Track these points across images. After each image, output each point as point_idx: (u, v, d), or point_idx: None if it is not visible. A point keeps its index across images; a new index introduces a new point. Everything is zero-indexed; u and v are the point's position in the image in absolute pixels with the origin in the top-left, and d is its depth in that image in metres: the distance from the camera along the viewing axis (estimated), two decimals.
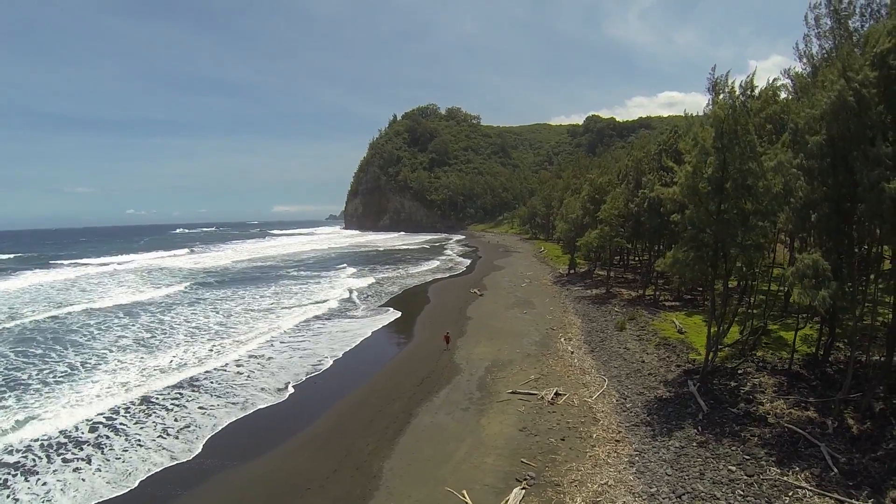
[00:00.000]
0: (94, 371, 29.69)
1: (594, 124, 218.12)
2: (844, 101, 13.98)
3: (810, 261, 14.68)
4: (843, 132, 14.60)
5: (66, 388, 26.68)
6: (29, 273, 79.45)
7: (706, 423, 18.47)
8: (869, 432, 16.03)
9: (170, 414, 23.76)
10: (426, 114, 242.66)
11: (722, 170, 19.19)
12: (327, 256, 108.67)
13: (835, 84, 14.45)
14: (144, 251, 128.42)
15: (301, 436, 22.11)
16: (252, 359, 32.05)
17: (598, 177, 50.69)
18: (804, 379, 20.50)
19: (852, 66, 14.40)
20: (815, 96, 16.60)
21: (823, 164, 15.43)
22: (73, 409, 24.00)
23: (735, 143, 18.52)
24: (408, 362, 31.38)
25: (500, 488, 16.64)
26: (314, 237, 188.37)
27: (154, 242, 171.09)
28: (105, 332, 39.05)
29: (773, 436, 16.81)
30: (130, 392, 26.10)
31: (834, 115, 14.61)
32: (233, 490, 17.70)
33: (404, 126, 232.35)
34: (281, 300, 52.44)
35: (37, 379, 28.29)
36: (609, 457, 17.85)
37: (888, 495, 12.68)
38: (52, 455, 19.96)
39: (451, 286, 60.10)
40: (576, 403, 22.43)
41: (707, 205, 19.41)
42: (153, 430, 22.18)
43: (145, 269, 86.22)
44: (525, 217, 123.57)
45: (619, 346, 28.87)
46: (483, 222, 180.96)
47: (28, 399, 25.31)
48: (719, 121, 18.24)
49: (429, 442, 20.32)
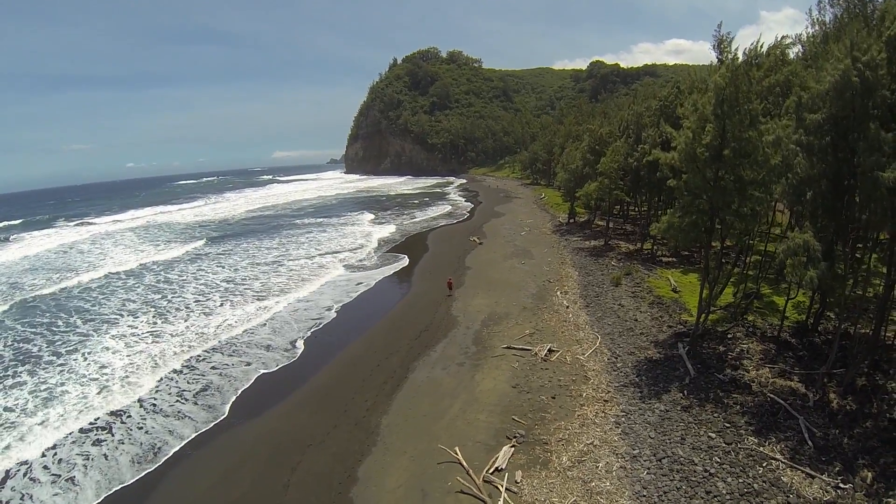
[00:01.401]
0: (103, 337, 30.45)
1: (598, 70, 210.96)
2: (849, 81, 13.01)
3: (801, 240, 14.43)
4: (846, 112, 13.80)
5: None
6: (36, 235, 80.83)
7: (692, 387, 19.17)
8: (848, 408, 16.68)
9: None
10: (427, 57, 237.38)
11: (721, 137, 18.37)
12: (335, 203, 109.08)
13: (841, 63, 13.38)
14: (146, 206, 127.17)
15: (304, 390, 23.13)
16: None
17: (599, 127, 48.66)
18: (792, 348, 21.00)
19: (860, 45, 13.27)
20: (822, 71, 15.42)
21: (823, 143, 14.66)
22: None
23: (735, 111, 17.53)
24: (407, 314, 32.02)
25: (491, 445, 17.62)
26: (319, 183, 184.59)
27: (155, 196, 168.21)
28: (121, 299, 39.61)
29: (756, 404, 17.52)
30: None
31: (838, 94, 13.70)
32: (242, 447, 18.82)
33: (405, 70, 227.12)
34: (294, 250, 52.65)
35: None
36: (597, 416, 18.73)
37: (858, 474, 13.41)
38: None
39: (451, 233, 60.00)
40: (568, 361, 23.16)
41: (704, 172, 18.73)
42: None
43: (152, 224, 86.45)
44: (526, 162, 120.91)
45: (614, 303, 29.30)
46: (484, 166, 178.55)
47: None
48: (720, 88, 17.10)
49: (425, 398, 21.22)
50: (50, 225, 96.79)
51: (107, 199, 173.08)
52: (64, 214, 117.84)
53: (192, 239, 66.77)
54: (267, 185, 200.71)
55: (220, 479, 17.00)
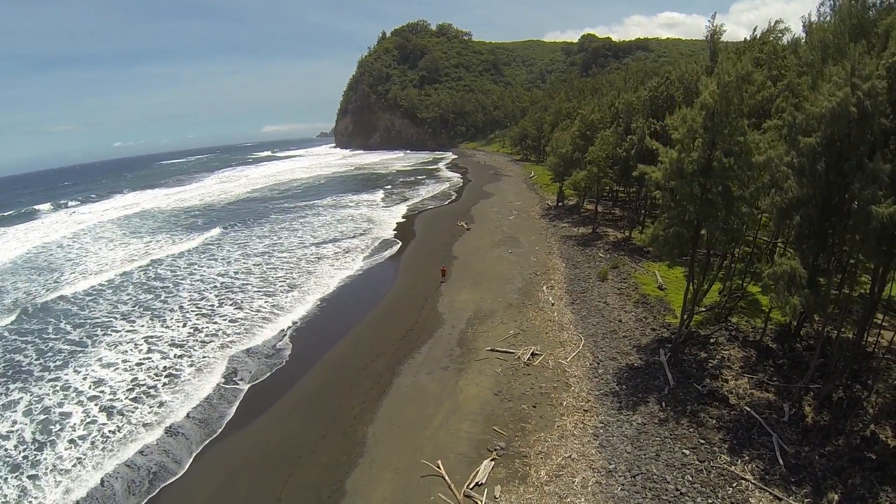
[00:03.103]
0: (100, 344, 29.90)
1: (589, 43, 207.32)
2: (847, 109, 12.54)
3: (787, 267, 14.34)
4: (841, 137, 13.41)
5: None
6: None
7: (670, 398, 19.52)
8: (822, 423, 17.10)
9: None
10: (416, 30, 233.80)
11: (710, 149, 17.99)
12: (335, 182, 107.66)
13: (840, 90, 12.83)
14: (139, 189, 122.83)
15: (293, 394, 23.34)
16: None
17: (590, 113, 47.62)
18: (773, 355, 21.32)
19: (862, 70, 12.69)
20: (818, 91, 14.85)
21: (815, 168, 14.31)
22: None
23: (725, 125, 17.07)
24: (395, 309, 32.08)
25: (472, 458, 17.97)
26: (312, 161, 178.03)
27: (144, 178, 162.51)
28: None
29: (732, 419, 17.90)
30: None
31: (833, 120, 13.21)
32: (235, 459, 19.13)
33: (394, 43, 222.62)
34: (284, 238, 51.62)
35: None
36: (576, 428, 19.09)
37: (826, 496, 13.87)
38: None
39: (440, 217, 59.55)
40: (551, 365, 23.41)
41: (692, 185, 18.41)
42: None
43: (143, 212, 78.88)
44: (516, 138, 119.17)
45: (600, 300, 29.43)
46: (475, 140, 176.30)
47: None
48: (709, 107, 16.54)
49: (410, 405, 21.48)
50: (33, 216, 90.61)
51: (93, 183, 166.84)
52: (47, 201, 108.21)
53: (188, 230, 64.23)
54: (258, 163, 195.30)
55: (216, 494, 17.39)
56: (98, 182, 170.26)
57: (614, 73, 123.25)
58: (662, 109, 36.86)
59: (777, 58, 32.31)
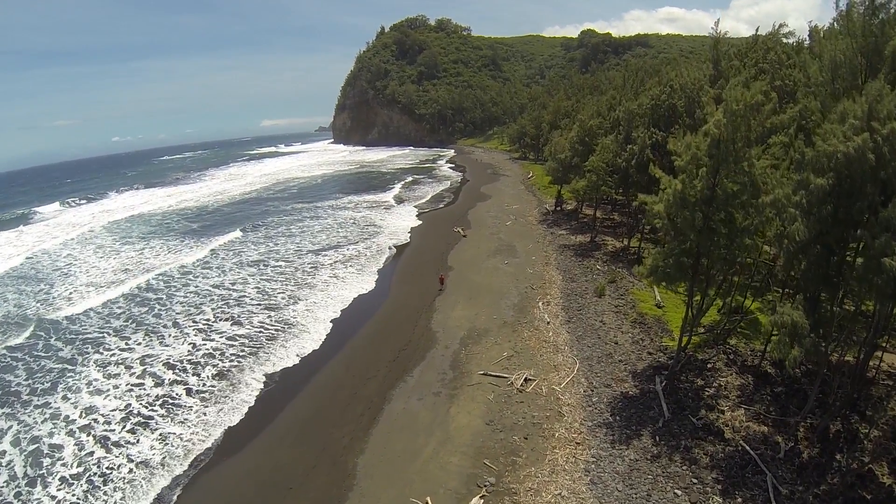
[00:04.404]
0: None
1: (589, 39, 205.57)
2: (864, 155, 11.91)
3: (790, 318, 13.80)
4: (854, 180, 12.78)
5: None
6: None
7: (664, 431, 19.13)
8: (817, 460, 16.70)
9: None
10: (415, 25, 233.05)
11: (714, 178, 17.45)
12: (333, 182, 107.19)
13: (858, 136, 12.17)
14: (133, 188, 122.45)
15: (284, 418, 23.12)
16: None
17: (589, 119, 46.80)
18: (771, 382, 20.89)
19: (880, 111, 12.04)
20: (829, 118, 14.20)
21: (823, 212, 13.70)
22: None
23: (730, 155, 16.49)
24: (388, 325, 31.73)
25: (461, 493, 17.68)
26: (310, 159, 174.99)
27: (142, 176, 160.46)
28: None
29: (726, 455, 17.51)
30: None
31: (847, 164, 12.58)
32: (227, 489, 19.01)
33: (392, 38, 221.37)
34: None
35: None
36: (567, 462, 18.73)
37: None
38: None
39: (436, 221, 59.14)
40: (544, 392, 23.03)
41: (694, 214, 17.86)
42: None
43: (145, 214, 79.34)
44: (514, 136, 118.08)
45: (596, 319, 28.98)
46: (473, 137, 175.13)
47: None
48: (714, 137, 15.96)
49: (400, 434, 21.17)
50: (25, 220, 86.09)
51: (90, 180, 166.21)
52: (40, 202, 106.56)
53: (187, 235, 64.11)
54: (256, 160, 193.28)
55: None
56: (95, 180, 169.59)
57: (614, 69, 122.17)
58: (665, 118, 36.20)
59: (782, 67, 31.59)
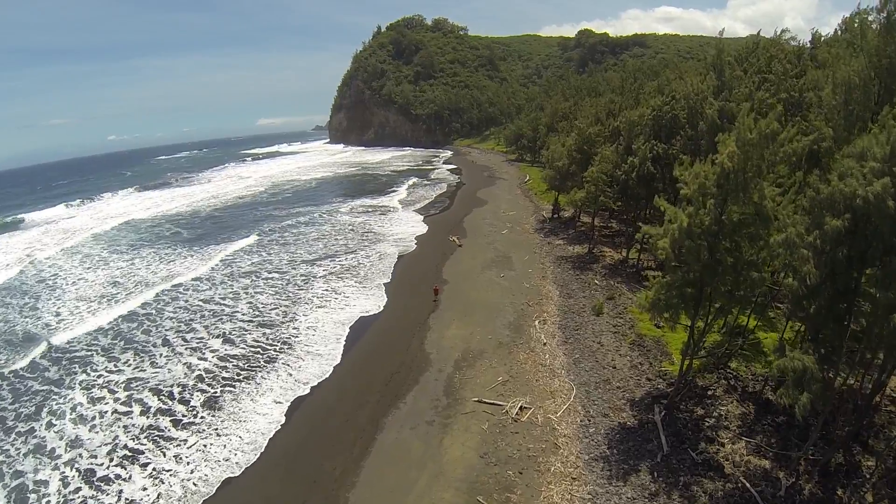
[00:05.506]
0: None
1: (586, 39, 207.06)
2: (885, 203, 11.29)
3: (800, 365, 13.22)
4: (871, 225, 12.17)
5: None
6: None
7: (663, 467, 18.57)
8: (819, 496, 16.17)
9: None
10: (411, 25, 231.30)
11: (721, 209, 16.86)
12: (331, 185, 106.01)
13: (877, 181, 11.55)
14: (126, 189, 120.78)
15: (275, 447, 22.50)
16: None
17: (587, 126, 46.10)
18: (773, 410, 20.33)
19: None
20: (846, 160, 13.56)
21: (837, 255, 13.08)
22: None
23: (740, 187, 15.87)
24: (380, 346, 31.08)
25: None
26: (308, 160, 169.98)
27: (139, 177, 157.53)
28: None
29: (725, 494, 16.96)
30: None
31: (864, 208, 11.95)
32: None
33: (388, 38, 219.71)
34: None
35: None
36: (563, 499, 18.16)
37: None
38: None
39: (433, 227, 58.44)
40: (540, 421, 22.44)
41: (699, 247, 17.23)
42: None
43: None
44: (511, 138, 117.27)
45: (594, 340, 28.38)
46: (469, 137, 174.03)
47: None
48: (725, 171, 15.34)
49: (392, 467, 20.58)
50: (15, 226, 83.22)
51: (84, 181, 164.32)
52: (30, 207, 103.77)
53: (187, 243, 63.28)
54: (251, 160, 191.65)
55: None
56: (90, 181, 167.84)
57: (611, 70, 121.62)
58: (667, 129, 35.60)
59: (787, 78, 31.02)
